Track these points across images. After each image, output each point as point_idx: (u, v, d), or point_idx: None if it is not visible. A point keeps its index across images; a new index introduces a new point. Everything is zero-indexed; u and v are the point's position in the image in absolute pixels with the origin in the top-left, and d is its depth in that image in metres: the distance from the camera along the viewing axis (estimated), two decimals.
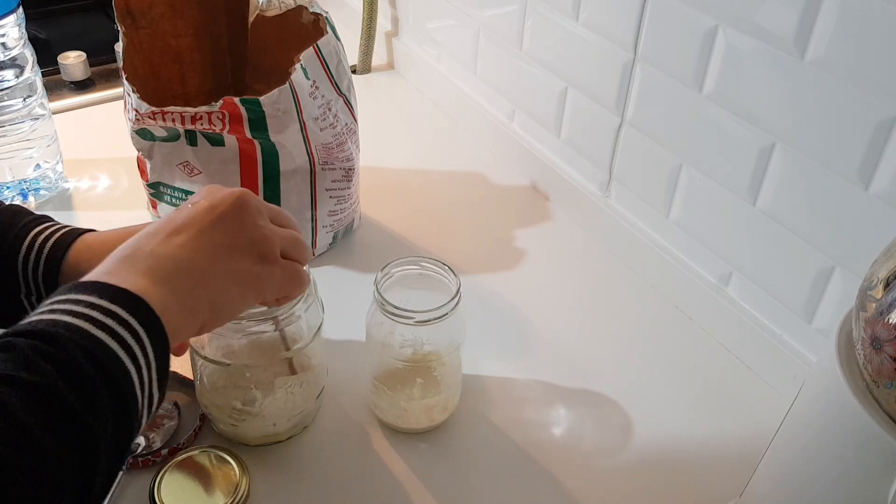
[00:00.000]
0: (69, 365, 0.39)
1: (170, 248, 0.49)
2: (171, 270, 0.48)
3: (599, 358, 0.79)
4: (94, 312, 0.42)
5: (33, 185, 0.94)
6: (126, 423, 0.42)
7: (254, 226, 0.53)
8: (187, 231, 0.50)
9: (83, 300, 0.42)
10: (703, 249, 0.81)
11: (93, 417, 0.39)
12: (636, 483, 0.68)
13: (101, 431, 0.40)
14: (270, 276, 0.54)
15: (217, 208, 0.52)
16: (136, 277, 0.46)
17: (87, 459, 0.39)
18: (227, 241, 0.51)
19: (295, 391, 0.66)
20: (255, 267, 0.53)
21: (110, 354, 0.41)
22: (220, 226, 0.51)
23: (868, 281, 0.45)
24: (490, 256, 0.91)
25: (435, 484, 0.67)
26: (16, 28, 0.87)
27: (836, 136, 0.64)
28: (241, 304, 0.53)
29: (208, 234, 0.51)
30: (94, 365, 0.40)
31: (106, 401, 0.40)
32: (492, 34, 1.02)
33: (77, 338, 0.41)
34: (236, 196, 0.53)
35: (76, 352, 0.40)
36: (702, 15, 0.72)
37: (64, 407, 0.38)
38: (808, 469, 0.50)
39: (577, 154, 0.94)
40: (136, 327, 0.43)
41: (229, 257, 0.51)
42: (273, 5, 0.87)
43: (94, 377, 0.40)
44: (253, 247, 0.53)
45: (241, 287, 0.52)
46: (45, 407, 0.38)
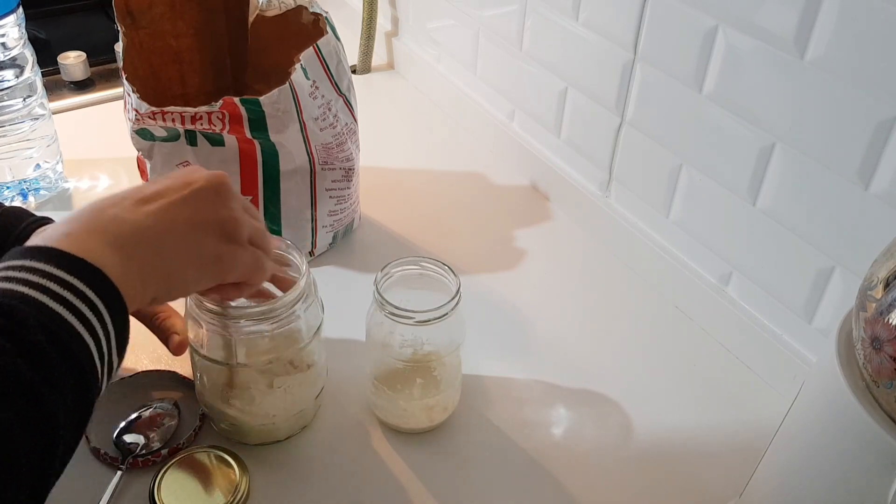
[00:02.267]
0: (27, 341, 0.39)
1: (135, 215, 0.48)
2: (132, 238, 0.47)
3: (599, 358, 0.79)
4: (51, 284, 0.41)
5: (33, 185, 0.94)
6: (85, 394, 0.42)
7: (224, 206, 0.53)
8: (157, 201, 0.50)
9: (40, 269, 0.42)
10: (703, 249, 0.81)
11: (51, 392, 0.39)
12: (636, 483, 0.68)
13: (61, 405, 0.40)
14: (233, 257, 0.54)
15: (192, 185, 0.52)
16: (95, 243, 0.45)
17: (47, 434, 0.39)
18: (195, 217, 0.51)
19: (294, 390, 0.66)
20: (219, 246, 0.53)
21: (68, 329, 0.41)
22: (191, 201, 0.51)
23: (868, 281, 0.45)
24: (490, 256, 0.91)
25: (435, 484, 0.67)
26: (16, 28, 0.87)
27: (836, 136, 0.64)
28: (195, 282, 0.53)
29: (177, 207, 0.51)
30: (52, 340, 0.40)
31: (65, 375, 0.40)
32: (492, 34, 1.02)
33: (35, 312, 0.40)
34: (214, 176, 0.54)
35: (33, 327, 0.40)
36: (702, 15, 0.72)
37: (22, 383, 0.38)
38: (808, 469, 0.50)
39: (577, 154, 0.94)
40: (93, 299, 0.43)
41: (194, 233, 0.51)
42: (273, 5, 0.87)
43: (52, 353, 0.40)
44: (220, 226, 0.53)
45: (201, 264, 0.52)
46: (4, 385, 0.38)
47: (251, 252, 0.56)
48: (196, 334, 0.64)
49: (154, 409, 0.70)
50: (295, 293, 0.63)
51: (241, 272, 0.55)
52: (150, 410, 0.70)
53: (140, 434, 0.68)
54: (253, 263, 0.56)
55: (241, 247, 0.54)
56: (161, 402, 0.71)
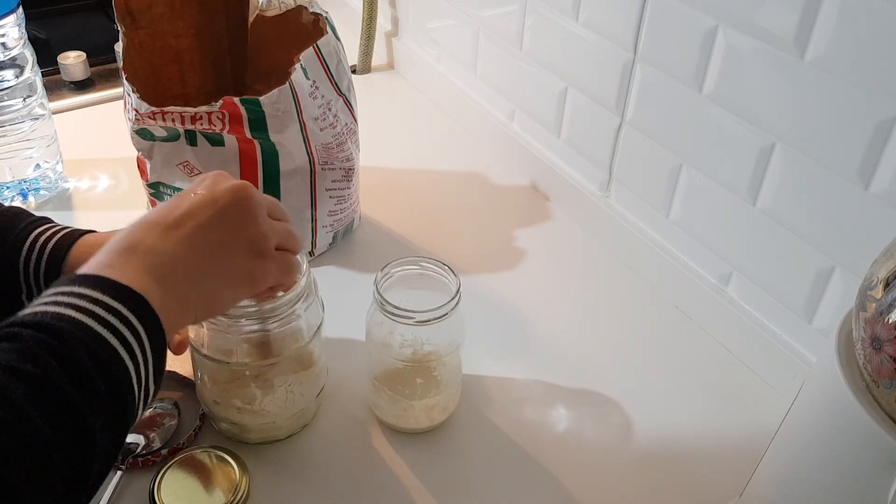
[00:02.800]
0: (72, 360, 0.40)
1: (169, 244, 0.49)
2: (169, 268, 0.48)
3: (599, 358, 0.79)
4: (97, 308, 0.43)
5: (33, 185, 0.94)
6: (122, 416, 0.43)
7: (253, 223, 0.54)
8: (185, 226, 0.51)
9: (87, 294, 0.43)
10: (703, 249, 0.81)
11: (91, 412, 0.40)
12: (636, 483, 0.68)
13: (99, 426, 0.41)
14: (263, 271, 0.55)
15: (218, 202, 0.52)
16: (136, 274, 0.46)
17: (84, 452, 0.40)
18: (225, 239, 0.52)
19: (295, 389, 0.66)
20: (249, 263, 0.53)
21: (111, 351, 0.42)
22: (220, 222, 0.52)
23: (868, 281, 0.45)
24: (490, 256, 0.91)
25: (435, 484, 0.67)
26: (16, 28, 0.87)
27: (836, 136, 0.64)
28: (233, 300, 0.54)
29: (207, 231, 0.51)
30: (95, 361, 0.41)
31: (105, 396, 0.41)
32: (492, 34, 1.02)
33: (80, 334, 0.42)
34: (238, 189, 0.54)
35: (79, 348, 0.41)
36: (702, 15, 0.72)
37: (64, 400, 0.39)
38: (808, 469, 0.50)
39: (577, 154, 0.94)
40: (136, 325, 0.44)
41: (226, 255, 0.52)
42: (273, 5, 0.87)
43: (94, 373, 0.41)
44: (250, 244, 0.54)
45: (234, 284, 0.53)
46: (47, 400, 0.39)
47: (279, 260, 0.56)
48: (197, 333, 0.64)
49: (154, 409, 0.70)
50: (295, 292, 0.63)
51: (273, 280, 0.56)
52: (149, 410, 0.70)
53: (140, 434, 0.68)
54: (283, 269, 0.57)
55: (269, 258, 0.55)
56: (161, 402, 0.71)
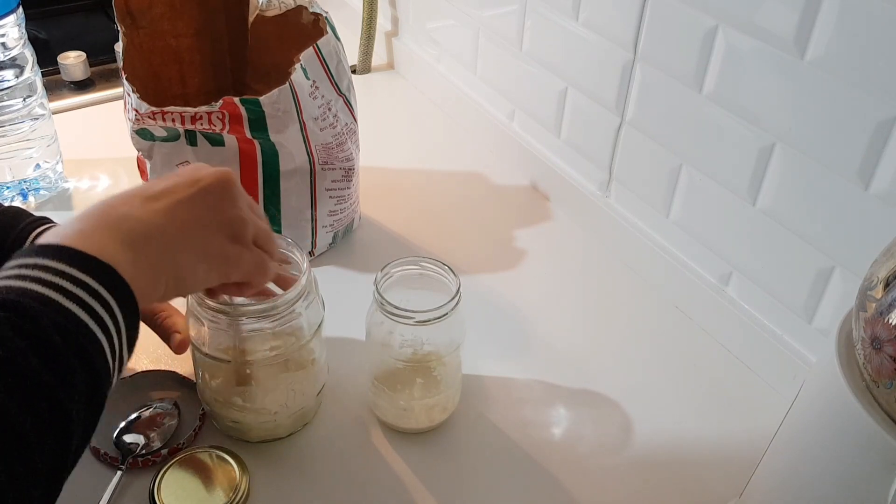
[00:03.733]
0: (42, 340, 0.39)
1: (145, 213, 0.49)
2: (143, 235, 0.48)
3: (599, 358, 0.79)
4: (64, 282, 0.42)
5: (33, 185, 0.94)
6: (97, 391, 0.42)
7: (232, 206, 0.54)
8: (166, 198, 0.50)
9: (53, 267, 0.42)
10: (703, 249, 0.81)
11: (65, 390, 0.40)
12: (636, 483, 0.68)
13: (74, 402, 0.40)
14: (238, 258, 0.54)
15: (200, 182, 0.52)
16: (106, 241, 0.45)
17: (61, 431, 0.39)
18: (204, 216, 0.52)
19: (296, 387, 0.66)
20: (225, 246, 0.53)
21: (82, 327, 0.41)
22: (200, 200, 0.52)
23: (868, 281, 0.45)
24: (490, 256, 0.91)
25: (435, 484, 0.67)
26: (16, 28, 0.87)
27: (836, 136, 0.64)
28: (204, 280, 0.54)
29: (186, 206, 0.51)
30: (66, 339, 0.40)
31: (78, 373, 0.41)
32: (492, 34, 1.02)
33: (49, 311, 0.41)
34: (221, 174, 0.54)
35: (48, 326, 0.40)
36: (702, 15, 0.72)
37: (37, 382, 0.39)
38: (808, 469, 0.50)
39: (577, 154, 0.94)
40: (106, 297, 0.43)
41: (203, 232, 0.52)
42: (273, 5, 0.87)
43: (66, 351, 0.40)
44: (228, 226, 0.53)
45: (208, 264, 0.52)
46: (19, 382, 0.38)
47: (256, 253, 0.56)
48: (198, 332, 0.64)
49: (154, 409, 0.70)
50: (296, 291, 0.63)
51: (245, 272, 0.56)
52: (150, 410, 0.70)
53: (140, 434, 0.68)
54: (256, 265, 0.57)
55: (246, 248, 0.55)
56: (161, 402, 0.71)
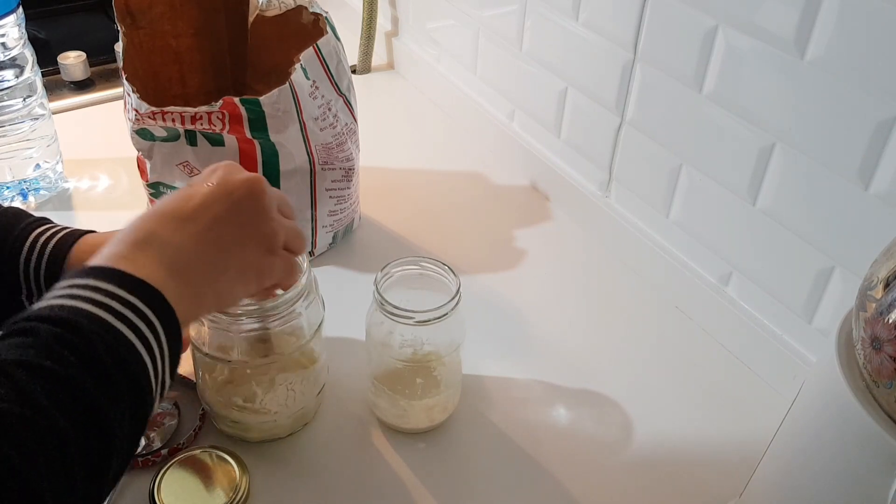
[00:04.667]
0: (91, 356, 0.40)
1: (184, 238, 0.49)
2: (185, 263, 0.48)
3: (599, 358, 0.79)
4: (113, 303, 0.43)
5: (33, 185, 0.94)
6: (140, 410, 0.43)
7: (266, 218, 0.54)
8: (201, 219, 0.50)
9: (103, 288, 0.43)
10: (703, 249, 0.81)
11: (111, 407, 0.41)
12: (636, 483, 0.68)
13: (117, 419, 0.41)
14: (271, 268, 0.55)
15: (233, 195, 0.52)
16: (152, 266, 0.46)
17: (103, 445, 0.40)
18: (239, 234, 0.52)
19: (295, 387, 0.66)
20: (260, 259, 0.54)
21: (129, 347, 0.42)
22: (234, 216, 0.52)
23: (868, 281, 0.45)
24: (490, 256, 0.91)
25: (435, 484, 0.67)
26: (16, 28, 0.87)
27: (836, 136, 0.64)
28: (242, 294, 0.54)
29: (222, 225, 0.51)
30: (114, 357, 0.41)
31: (124, 392, 0.42)
32: (492, 34, 1.02)
33: (98, 329, 0.42)
34: (252, 183, 0.53)
35: (97, 343, 0.41)
36: (702, 15, 0.72)
37: (84, 397, 0.40)
38: (808, 469, 0.50)
39: (577, 154, 0.94)
40: (152, 320, 0.44)
41: (239, 250, 0.52)
42: (273, 5, 0.87)
43: (112, 369, 0.41)
44: (263, 240, 0.54)
45: (246, 279, 0.53)
46: (67, 396, 0.39)
47: (285, 259, 0.56)
48: (198, 332, 0.64)
49: (154, 409, 0.70)
50: (296, 291, 0.63)
51: (277, 279, 0.57)
52: None
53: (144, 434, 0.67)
54: (286, 269, 0.57)
55: (277, 256, 0.55)
56: (161, 402, 0.70)
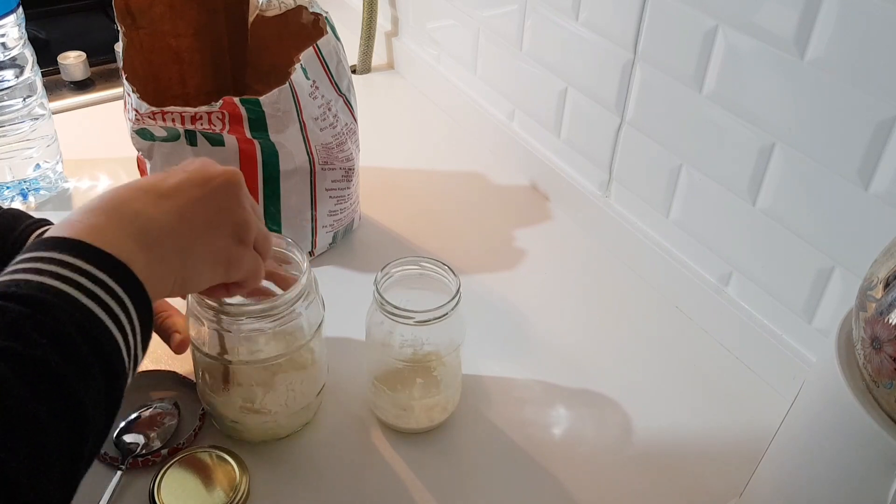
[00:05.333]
0: (61, 336, 0.40)
1: (157, 212, 0.49)
2: (156, 236, 0.48)
3: (599, 358, 0.79)
4: (82, 279, 0.42)
5: (33, 185, 0.94)
6: (113, 389, 0.43)
7: (240, 207, 0.54)
8: (177, 197, 0.50)
9: (70, 263, 0.42)
10: (703, 249, 0.81)
11: (84, 388, 0.40)
12: (636, 483, 0.68)
13: (90, 399, 0.40)
14: (240, 259, 0.55)
15: (210, 182, 0.53)
16: (121, 238, 0.45)
17: (77, 426, 0.40)
18: (214, 218, 0.52)
19: (295, 387, 0.66)
20: (231, 248, 0.54)
21: (99, 325, 0.42)
22: (210, 200, 0.52)
23: (868, 281, 0.45)
24: (490, 256, 0.91)
25: (435, 484, 0.67)
26: (16, 28, 0.87)
27: (836, 136, 0.64)
28: (209, 280, 0.54)
29: (197, 207, 0.51)
30: (85, 336, 0.41)
31: (96, 371, 0.41)
32: (492, 34, 1.02)
33: (67, 307, 0.41)
34: (230, 174, 0.54)
35: (67, 322, 0.40)
36: (702, 15, 0.72)
37: (57, 379, 0.39)
38: (808, 469, 0.50)
39: (577, 154, 0.94)
40: (122, 296, 0.43)
41: (212, 234, 0.52)
42: (273, 5, 0.87)
43: (84, 348, 0.40)
44: (235, 228, 0.54)
45: (214, 265, 0.53)
46: (39, 379, 0.38)
47: (254, 256, 0.56)
48: (198, 332, 0.64)
49: (154, 409, 0.70)
50: (296, 291, 0.63)
51: (243, 273, 0.56)
52: (149, 410, 0.70)
53: (140, 434, 0.68)
54: (253, 267, 0.57)
55: (248, 249, 0.55)
56: (161, 402, 0.71)
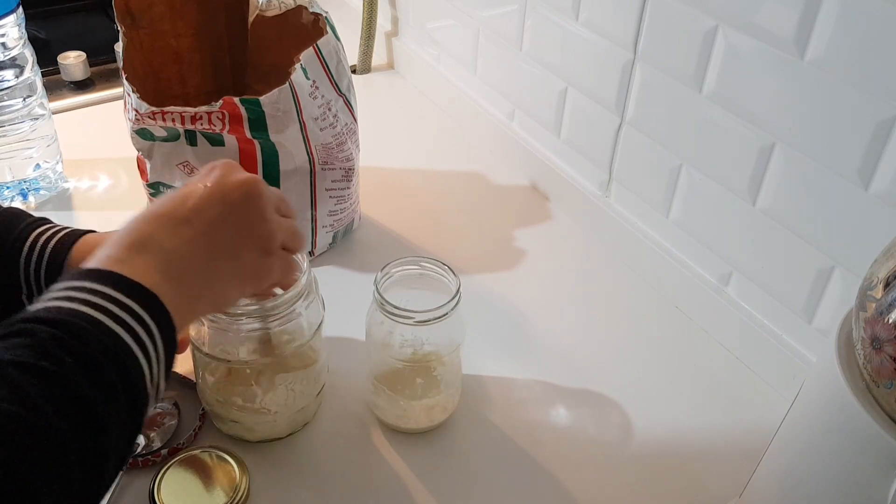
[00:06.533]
0: (88, 358, 0.41)
1: (180, 242, 0.49)
2: (180, 267, 0.48)
3: (599, 358, 0.79)
4: (111, 306, 0.43)
5: (33, 185, 0.94)
6: (136, 413, 0.43)
7: (262, 220, 0.54)
8: (197, 222, 0.50)
9: (100, 291, 0.43)
10: (703, 249, 0.81)
11: (107, 409, 0.41)
12: (636, 483, 0.68)
13: (114, 420, 0.41)
14: (269, 269, 0.55)
15: (228, 197, 0.52)
16: (147, 270, 0.46)
17: (100, 448, 0.40)
18: (235, 237, 0.52)
19: (295, 387, 0.66)
20: (256, 261, 0.54)
21: (126, 350, 0.43)
22: (230, 219, 0.52)
23: (868, 281, 0.45)
24: (490, 256, 0.91)
25: (435, 484, 0.67)
26: (16, 28, 0.87)
27: (836, 136, 0.64)
28: (238, 297, 0.55)
29: (218, 228, 0.51)
30: (111, 359, 0.42)
31: (120, 394, 0.42)
32: (492, 34, 1.02)
33: (95, 331, 0.42)
34: (249, 185, 0.53)
35: (94, 345, 0.41)
36: (702, 15, 0.72)
37: (81, 399, 0.40)
38: (808, 469, 0.50)
39: (577, 154, 0.94)
40: (149, 323, 0.44)
41: (235, 253, 0.52)
42: (273, 5, 0.87)
43: (110, 371, 0.41)
44: (258, 242, 0.54)
45: (242, 281, 0.53)
46: (63, 397, 0.39)
47: (282, 259, 0.57)
48: (197, 332, 0.64)
49: (154, 409, 0.70)
50: (296, 291, 0.63)
51: (275, 279, 0.57)
52: None
53: (140, 434, 0.67)
54: (285, 268, 0.57)
55: (275, 257, 0.55)
56: (161, 402, 0.70)
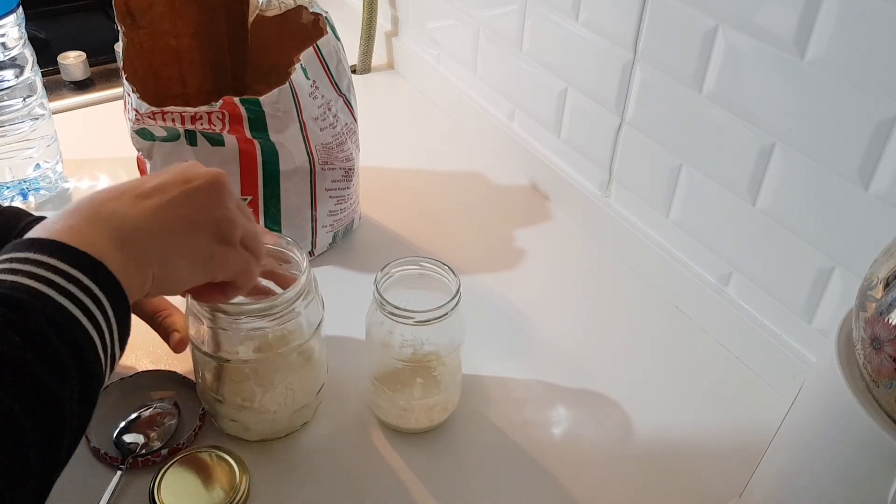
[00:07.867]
0: (36, 335, 0.40)
1: (135, 210, 0.49)
2: (131, 233, 0.48)
3: (599, 358, 0.79)
4: (56, 277, 0.42)
5: (33, 185, 0.94)
6: (90, 386, 0.43)
7: (221, 206, 0.54)
8: (156, 197, 0.50)
9: (45, 262, 0.42)
10: (703, 249, 0.81)
11: (59, 386, 0.40)
12: (636, 483, 0.68)
13: (67, 397, 0.40)
14: (224, 258, 0.54)
15: (191, 182, 0.53)
16: (97, 238, 0.46)
17: (55, 427, 0.40)
18: (192, 216, 0.52)
19: (295, 386, 0.66)
20: (212, 246, 0.53)
21: (74, 323, 0.42)
22: (190, 199, 0.52)
23: (868, 281, 0.45)
24: (490, 256, 0.91)
25: (435, 484, 0.67)
26: (16, 28, 0.87)
27: (836, 136, 0.64)
28: (189, 279, 0.53)
29: (176, 205, 0.51)
30: (60, 335, 0.41)
31: (71, 369, 0.41)
32: (492, 34, 1.02)
33: (42, 305, 0.41)
34: (213, 175, 0.54)
35: (42, 321, 0.40)
36: (702, 15, 0.72)
37: (32, 378, 0.39)
38: (808, 469, 0.50)
39: (577, 154, 0.94)
40: (97, 293, 0.43)
41: (190, 232, 0.52)
42: (273, 5, 0.87)
43: (60, 347, 0.41)
44: (216, 226, 0.53)
45: (194, 263, 0.53)
46: (14, 378, 0.38)
47: (242, 255, 0.56)
48: (197, 331, 0.64)
49: (154, 409, 0.70)
50: (295, 290, 0.63)
51: (230, 273, 0.56)
52: (149, 410, 0.70)
53: (140, 434, 0.68)
54: (242, 266, 0.56)
55: (232, 248, 0.55)
56: (161, 402, 0.71)
